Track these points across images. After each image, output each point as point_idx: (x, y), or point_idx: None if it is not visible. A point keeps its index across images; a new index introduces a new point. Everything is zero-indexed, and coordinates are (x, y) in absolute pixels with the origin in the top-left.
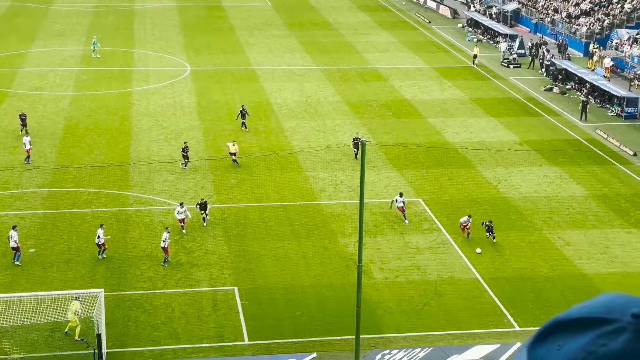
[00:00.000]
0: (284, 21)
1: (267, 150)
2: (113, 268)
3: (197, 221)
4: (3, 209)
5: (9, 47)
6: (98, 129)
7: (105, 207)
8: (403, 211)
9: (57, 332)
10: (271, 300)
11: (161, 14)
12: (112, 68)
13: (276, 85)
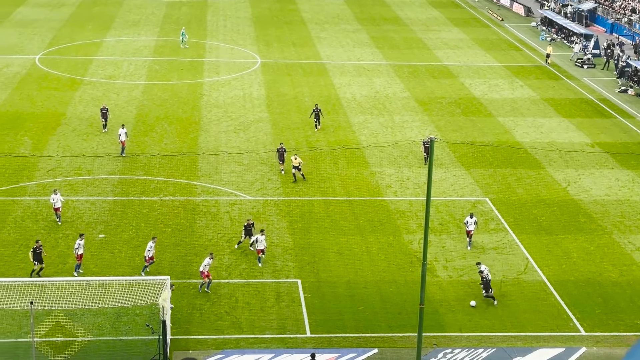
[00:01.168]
0: (355, 16)
1: (334, 145)
2: (179, 256)
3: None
4: (75, 194)
5: (86, 35)
6: (168, 119)
7: (173, 196)
8: (470, 236)
9: (124, 317)
10: (334, 294)
11: (234, 6)
12: (184, 59)
13: (345, 80)
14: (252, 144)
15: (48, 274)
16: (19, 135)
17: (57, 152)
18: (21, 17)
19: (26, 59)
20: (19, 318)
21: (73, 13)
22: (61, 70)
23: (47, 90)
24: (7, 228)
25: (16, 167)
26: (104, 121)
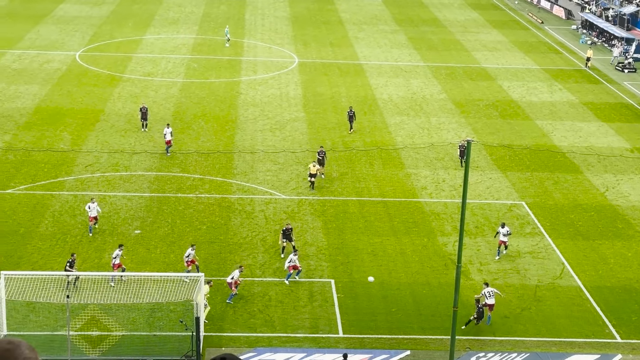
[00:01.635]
0: (393, 17)
1: (370, 145)
2: (214, 253)
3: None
4: (112, 190)
5: (125, 33)
6: (205, 117)
7: (209, 194)
8: (502, 246)
9: (158, 313)
10: (367, 295)
11: (272, 5)
12: (222, 57)
13: (382, 81)
14: (288, 143)
15: (85, 268)
16: (59, 131)
17: (96, 148)
18: (63, 14)
19: (67, 56)
20: (55, 311)
21: (113, 10)
22: (101, 67)
23: (86, 87)
24: (45, 222)
25: (55, 162)
26: (143, 121)
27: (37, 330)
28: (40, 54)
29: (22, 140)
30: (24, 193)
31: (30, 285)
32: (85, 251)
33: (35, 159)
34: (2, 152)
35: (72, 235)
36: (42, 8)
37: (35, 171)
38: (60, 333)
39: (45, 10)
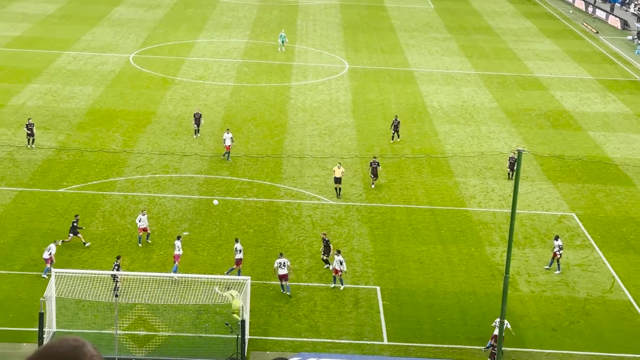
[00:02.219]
0: (445, 24)
1: (419, 153)
2: (260, 257)
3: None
4: (162, 191)
5: (178, 36)
6: (255, 121)
7: (257, 197)
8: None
9: (204, 315)
10: (413, 303)
11: (324, 11)
12: (273, 62)
13: (433, 88)
14: (336, 148)
15: (133, 268)
16: (111, 132)
17: (147, 150)
18: (118, 17)
19: (120, 58)
20: (103, 310)
21: (167, 14)
22: (153, 70)
23: (139, 89)
24: (95, 222)
25: (107, 163)
26: (196, 127)
27: (85, 328)
28: (95, 55)
29: (76, 141)
30: (76, 192)
31: (80, 284)
32: (134, 251)
33: (87, 159)
34: (55, 152)
35: (122, 235)
36: (98, 10)
37: (87, 171)
38: (108, 332)
39: (101, 13)
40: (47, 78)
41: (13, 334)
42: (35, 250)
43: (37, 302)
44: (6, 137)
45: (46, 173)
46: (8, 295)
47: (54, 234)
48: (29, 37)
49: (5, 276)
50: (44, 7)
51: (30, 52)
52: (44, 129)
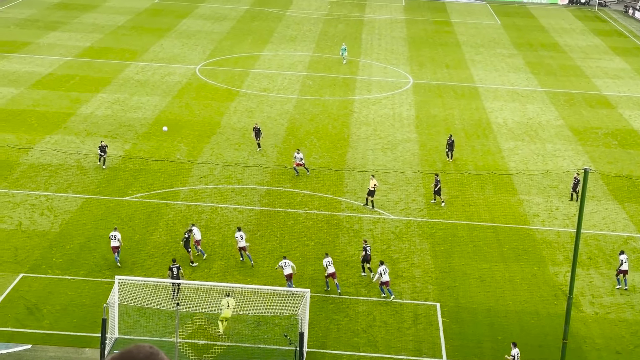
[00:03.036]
0: (512, 40)
1: (482, 169)
2: (320, 270)
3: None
4: (224, 202)
5: (244, 49)
6: (318, 134)
7: (318, 210)
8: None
9: (263, 326)
10: (473, 321)
11: (389, 26)
12: (337, 75)
13: (498, 105)
14: (398, 163)
15: (195, 277)
16: (176, 142)
17: (210, 160)
18: (185, 28)
19: (187, 69)
20: (164, 318)
21: (234, 26)
22: (219, 81)
23: (204, 100)
24: (158, 230)
25: (171, 172)
26: (257, 140)
27: (146, 335)
28: (162, 66)
29: (141, 150)
30: (140, 201)
31: (142, 291)
32: (195, 260)
33: (152, 168)
34: (122, 160)
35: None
36: (166, 22)
37: (152, 180)
38: (169, 340)
39: (169, 25)
40: (115, 88)
41: (76, 338)
42: (100, 257)
43: (101, 308)
44: (75, 145)
45: (112, 181)
46: (72, 301)
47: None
48: (99, 48)
49: (70, 282)
50: (114, 18)
51: (100, 62)
52: (111, 137)
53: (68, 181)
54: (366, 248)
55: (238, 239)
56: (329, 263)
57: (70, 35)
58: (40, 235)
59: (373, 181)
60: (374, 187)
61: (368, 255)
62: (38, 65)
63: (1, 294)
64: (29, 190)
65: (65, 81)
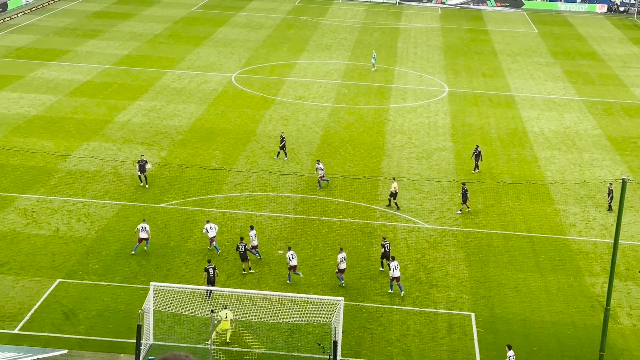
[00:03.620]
0: (549, 49)
1: (518, 179)
2: (354, 279)
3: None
4: (258, 209)
5: (280, 57)
6: (353, 142)
7: (352, 218)
8: None
9: (297, 333)
10: (508, 331)
11: (425, 34)
12: (372, 84)
13: (534, 114)
14: (433, 172)
15: (229, 284)
16: (211, 149)
17: (245, 168)
18: (222, 37)
19: (223, 77)
20: (198, 325)
21: (270, 35)
22: (254, 89)
23: (240, 108)
24: (193, 237)
25: (206, 180)
26: (283, 150)
27: (180, 342)
28: (198, 74)
29: (177, 157)
30: (175, 208)
31: (177, 298)
32: (229, 267)
33: (188, 176)
34: (158, 168)
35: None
36: (203, 30)
37: (188, 187)
38: (203, 346)
39: (205, 33)
40: (152, 95)
41: (112, 344)
42: (135, 263)
43: (136, 314)
44: (112, 152)
45: (148, 188)
46: (108, 307)
47: (153, 247)
48: (137, 56)
49: (106, 288)
50: (151, 26)
51: (137, 70)
52: (147, 145)
53: (105, 188)
54: (384, 245)
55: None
56: (342, 259)
57: (108, 43)
58: (77, 241)
59: (394, 184)
60: (395, 189)
61: (387, 252)
62: (76, 73)
63: (38, 299)
64: (66, 197)
65: (103, 89)
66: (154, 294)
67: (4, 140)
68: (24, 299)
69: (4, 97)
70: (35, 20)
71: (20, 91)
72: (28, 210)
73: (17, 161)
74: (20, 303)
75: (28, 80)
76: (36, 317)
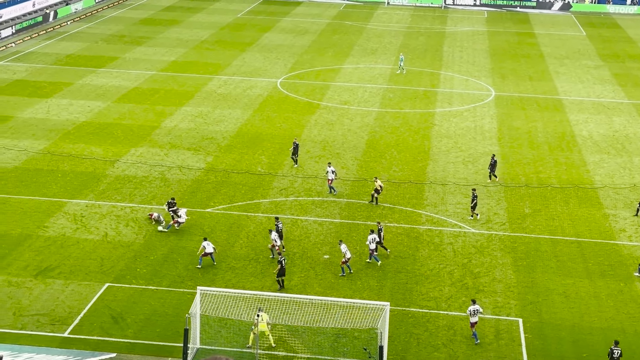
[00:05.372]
0: (597, 51)
1: (566, 183)
2: (400, 283)
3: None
4: (304, 214)
5: (325, 62)
6: (398, 146)
7: (398, 223)
8: None
9: (343, 338)
10: (556, 337)
11: (471, 38)
12: (418, 88)
13: (582, 117)
14: (480, 176)
15: (275, 289)
16: (257, 154)
17: (291, 173)
18: (267, 42)
19: (269, 82)
20: (245, 329)
21: (315, 40)
22: (300, 94)
23: (285, 113)
24: (239, 242)
25: (252, 185)
26: (294, 157)
27: (227, 346)
28: (244, 80)
29: (223, 162)
30: (222, 213)
31: (224, 302)
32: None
33: (234, 181)
34: (204, 173)
35: (265, 256)
36: (248, 36)
37: (234, 192)
38: (249, 351)
39: (251, 39)
40: (198, 101)
41: (160, 348)
42: (182, 268)
43: (183, 318)
44: (159, 158)
45: (195, 193)
46: (156, 311)
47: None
48: (183, 62)
49: (154, 292)
50: (198, 33)
51: (183, 76)
52: (194, 150)
53: (152, 193)
54: (380, 229)
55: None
56: (346, 249)
57: (155, 50)
58: (125, 245)
59: (378, 182)
60: (380, 187)
61: (381, 237)
62: (124, 80)
63: (87, 303)
64: (114, 202)
65: (150, 95)
66: (200, 298)
67: (54, 147)
68: (73, 302)
69: (54, 104)
70: (85, 28)
71: (69, 98)
72: (77, 215)
73: (66, 167)
74: (70, 307)
75: (77, 87)
76: (85, 320)
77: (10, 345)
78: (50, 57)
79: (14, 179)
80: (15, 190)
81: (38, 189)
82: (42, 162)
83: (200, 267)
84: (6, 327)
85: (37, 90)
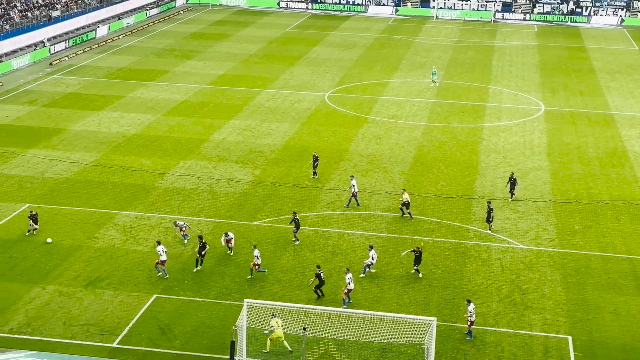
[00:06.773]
0: None
1: (617, 199)
2: (447, 299)
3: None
4: (351, 228)
5: (373, 76)
6: (446, 161)
7: (445, 238)
8: None
9: (389, 353)
10: (607, 356)
11: (521, 52)
12: (466, 102)
13: (635, 133)
14: (529, 192)
15: (321, 302)
16: (304, 168)
17: (338, 186)
18: (315, 56)
19: (316, 96)
20: (290, 342)
21: (362, 54)
22: (347, 108)
23: (333, 126)
24: (286, 255)
25: (299, 198)
26: (313, 169)
27: (272, 359)
28: (292, 93)
29: (271, 175)
30: (268, 225)
31: (270, 315)
32: (323, 286)
33: (281, 194)
34: (251, 185)
35: (311, 269)
36: (297, 50)
37: (281, 205)
38: None
39: (299, 53)
40: (246, 114)
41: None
42: (230, 280)
43: (230, 331)
44: (207, 170)
45: (242, 206)
46: (203, 322)
47: (247, 265)
48: (232, 75)
49: (201, 304)
50: (247, 47)
51: (232, 89)
52: (242, 163)
53: (200, 205)
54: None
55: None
56: (350, 279)
57: (204, 63)
58: (173, 257)
59: (405, 195)
60: (407, 201)
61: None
62: (174, 93)
63: (136, 313)
64: (163, 214)
65: (199, 108)
66: (247, 310)
67: (105, 159)
68: (122, 313)
69: (106, 117)
70: (136, 42)
71: (120, 110)
72: (127, 226)
73: (117, 179)
74: (119, 317)
75: (128, 100)
76: (133, 331)
77: (60, 354)
78: (102, 71)
79: (65, 190)
80: (67, 201)
81: (89, 201)
82: (93, 173)
83: (251, 277)
84: (57, 337)
85: (89, 103)
